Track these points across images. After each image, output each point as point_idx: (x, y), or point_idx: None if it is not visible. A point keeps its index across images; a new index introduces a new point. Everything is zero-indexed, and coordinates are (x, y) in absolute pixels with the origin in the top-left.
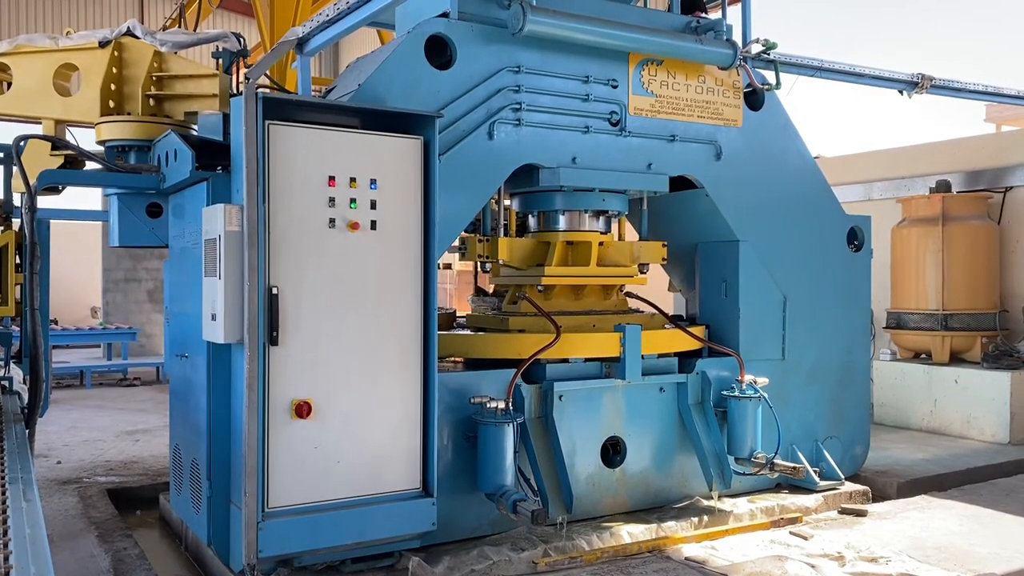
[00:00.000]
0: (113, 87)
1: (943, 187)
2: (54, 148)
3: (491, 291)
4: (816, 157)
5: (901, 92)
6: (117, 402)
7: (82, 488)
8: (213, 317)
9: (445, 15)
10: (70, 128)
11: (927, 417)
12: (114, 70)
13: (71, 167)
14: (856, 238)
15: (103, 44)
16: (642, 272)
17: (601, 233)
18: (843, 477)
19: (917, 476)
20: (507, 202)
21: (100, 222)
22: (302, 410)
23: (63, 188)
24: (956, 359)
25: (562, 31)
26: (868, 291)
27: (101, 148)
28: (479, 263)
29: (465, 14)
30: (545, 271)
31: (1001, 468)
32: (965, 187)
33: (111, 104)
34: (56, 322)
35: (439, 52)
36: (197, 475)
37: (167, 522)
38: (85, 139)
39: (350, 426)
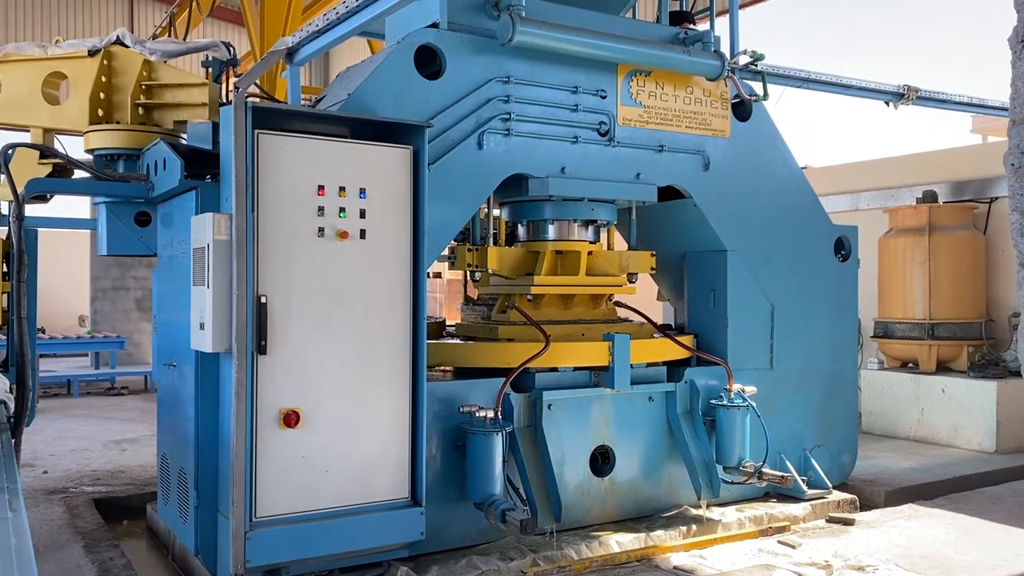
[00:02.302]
0: (102, 96)
1: (930, 197)
2: (42, 157)
3: (476, 296)
4: (803, 168)
5: (887, 103)
6: (104, 411)
7: (68, 498)
8: (201, 326)
9: (435, 25)
10: (59, 137)
11: (914, 426)
12: (103, 79)
13: (59, 176)
14: (843, 248)
15: (92, 53)
16: (631, 281)
17: (590, 242)
18: (831, 486)
19: (904, 485)
20: (496, 212)
21: (88, 231)
22: (290, 419)
23: (51, 197)
24: (943, 368)
25: (551, 42)
26: (855, 300)
27: (90, 157)
28: (468, 272)
29: (455, 24)
30: (534, 280)
31: (988, 477)
32: (951, 197)
33: (100, 113)
34: (43, 331)
35: (429, 62)
36: (185, 484)
37: (154, 532)
38: (74, 148)
39: (338, 435)
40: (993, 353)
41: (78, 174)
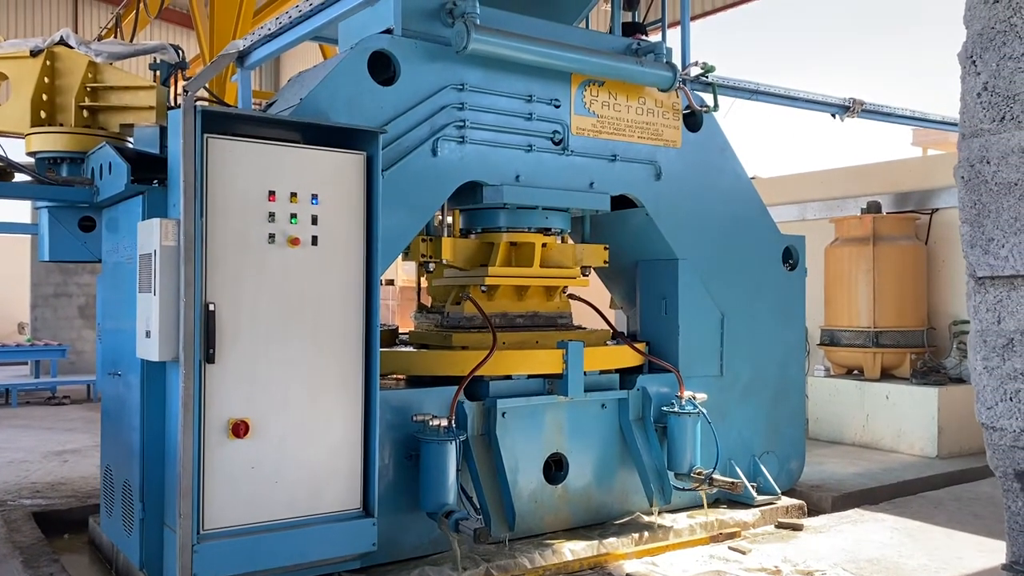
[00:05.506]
0: (45, 97)
1: (874, 208)
2: None
3: (430, 303)
4: (752, 178)
5: (834, 116)
6: (45, 421)
7: (6, 512)
8: (148, 334)
9: (389, 31)
10: None
11: (859, 432)
12: (46, 80)
13: None
14: (791, 257)
15: (35, 53)
16: (584, 274)
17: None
18: (779, 492)
19: (850, 490)
20: (450, 219)
21: (29, 235)
22: (239, 429)
23: None
24: (887, 375)
25: (505, 50)
26: (803, 309)
27: (32, 160)
28: (422, 263)
29: (409, 31)
30: (489, 271)
31: (929, 481)
32: (895, 208)
33: (43, 115)
34: None
35: (383, 68)
36: (129, 497)
37: (97, 546)
38: (15, 150)
39: (289, 445)
40: (934, 360)
41: (19, 177)
